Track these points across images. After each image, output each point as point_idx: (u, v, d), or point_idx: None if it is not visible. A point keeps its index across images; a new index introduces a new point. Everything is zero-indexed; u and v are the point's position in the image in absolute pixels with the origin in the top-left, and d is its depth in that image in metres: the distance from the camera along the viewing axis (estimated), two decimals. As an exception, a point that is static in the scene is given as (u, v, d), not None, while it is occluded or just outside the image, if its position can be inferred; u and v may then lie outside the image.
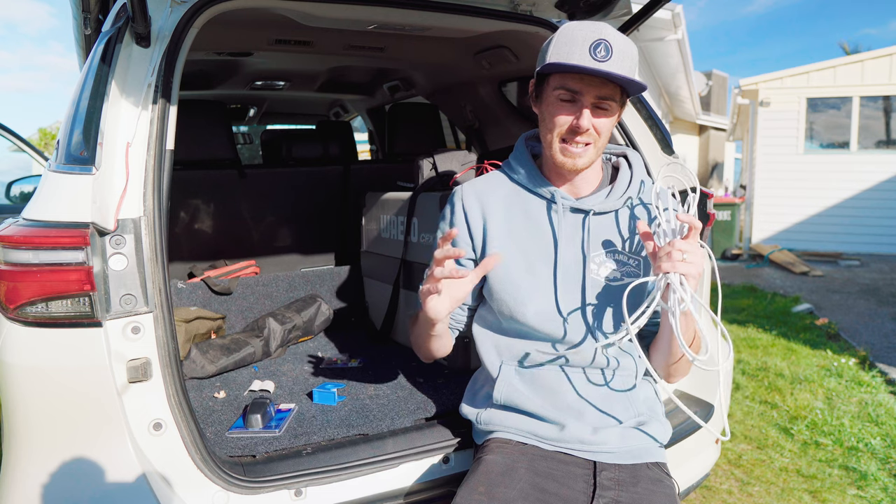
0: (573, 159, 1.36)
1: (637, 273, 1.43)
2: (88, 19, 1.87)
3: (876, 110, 10.16)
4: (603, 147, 1.39)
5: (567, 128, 1.33)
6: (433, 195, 2.34)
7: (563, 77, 1.31)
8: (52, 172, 1.43)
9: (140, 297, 1.37)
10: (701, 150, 20.41)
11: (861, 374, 4.07)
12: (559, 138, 1.35)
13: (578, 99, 1.31)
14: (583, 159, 1.36)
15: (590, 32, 1.27)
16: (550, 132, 1.36)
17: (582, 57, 1.26)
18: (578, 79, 1.30)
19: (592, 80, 1.29)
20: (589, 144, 1.35)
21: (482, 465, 1.37)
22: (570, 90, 1.31)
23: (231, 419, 1.83)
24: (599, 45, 1.25)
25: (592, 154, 1.37)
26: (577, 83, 1.30)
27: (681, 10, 8.97)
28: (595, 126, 1.33)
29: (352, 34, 2.55)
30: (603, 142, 1.37)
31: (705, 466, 2.01)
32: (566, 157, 1.36)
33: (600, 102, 1.32)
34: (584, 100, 1.31)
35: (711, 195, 1.99)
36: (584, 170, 1.40)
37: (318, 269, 3.05)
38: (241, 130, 5.47)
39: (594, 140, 1.35)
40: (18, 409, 1.35)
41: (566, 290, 1.41)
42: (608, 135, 1.38)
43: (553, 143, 1.37)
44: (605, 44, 1.25)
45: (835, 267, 8.89)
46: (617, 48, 1.26)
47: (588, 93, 1.30)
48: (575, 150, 1.35)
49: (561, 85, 1.32)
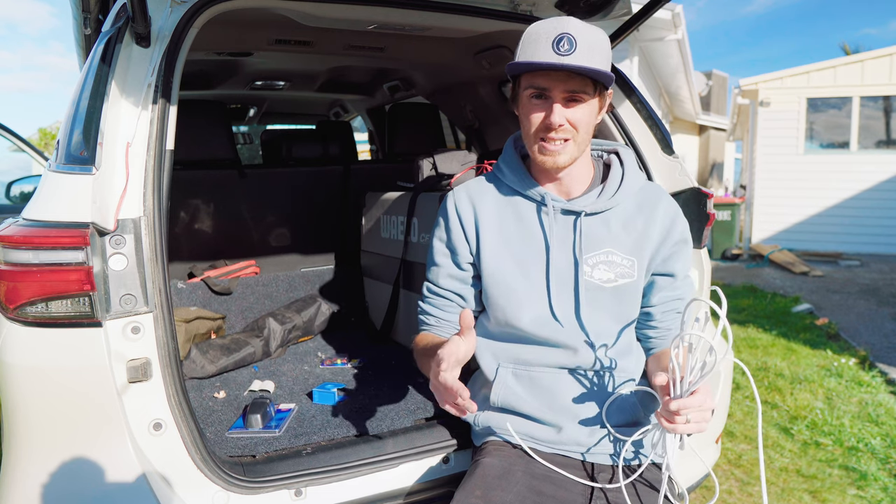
0: (553, 157, 1.33)
1: (631, 274, 1.40)
2: (88, 19, 1.87)
3: (876, 110, 10.16)
4: (585, 141, 1.36)
5: (540, 125, 1.32)
6: (433, 195, 2.34)
7: (532, 76, 1.31)
8: (52, 172, 1.43)
9: (140, 297, 1.37)
10: (701, 150, 20.41)
11: (861, 374, 4.07)
12: (536, 138, 1.34)
13: (548, 95, 1.30)
14: (563, 156, 1.34)
15: (552, 28, 1.26)
16: (528, 133, 1.35)
17: (545, 53, 1.25)
18: (544, 75, 1.29)
19: (558, 75, 1.28)
20: (568, 140, 1.32)
21: (479, 469, 1.36)
22: (538, 88, 1.30)
23: (231, 419, 1.83)
24: (562, 39, 1.24)
25: (573, 149, 1.34)
26: (544, 80, 1.29)
27: (681, 10, 8.97)
28: (570, 120, 1.30)
29: (352, 34, 2.55)
30: (583, 136, 1.34)
31: (705, 466, 2.01)
32: (546, 156, 1.34)
33: (571, 95, 1.30)
34: (554, 95, 1.29)
35: (711, 195, 2.00)
36: (567, 167, 1.37)
37: (318, 269, 3.05)
38: (241, 130, 5.47)
39: (572, 135, 1.32)
40: (18, 410, 1.35)
41: (560, 294, 1.39)
42: (589, 128, 1.35)
43: (532, 142, 1.35)
44: (567, 37, 1.24)
45: (835, 267, 8.89)
46: (582, 40, 1.24)
47: (555, 88, 1.29)
48: (553, 147, 1.32)
49: (529, 84, 1.31)
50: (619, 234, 1.41)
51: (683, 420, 1.16)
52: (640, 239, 1.41)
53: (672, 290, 1.45)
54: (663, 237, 1.42)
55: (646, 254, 1.41)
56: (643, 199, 1.45)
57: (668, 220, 1.43)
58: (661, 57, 11.24)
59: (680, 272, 1.45)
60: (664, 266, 1.44)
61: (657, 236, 1.42)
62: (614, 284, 1.39)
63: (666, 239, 1.42)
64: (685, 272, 1.47)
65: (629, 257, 1.41)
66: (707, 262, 2.05)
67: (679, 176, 2.01)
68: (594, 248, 1.40)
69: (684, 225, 1.46)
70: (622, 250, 1.41)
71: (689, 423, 1.17)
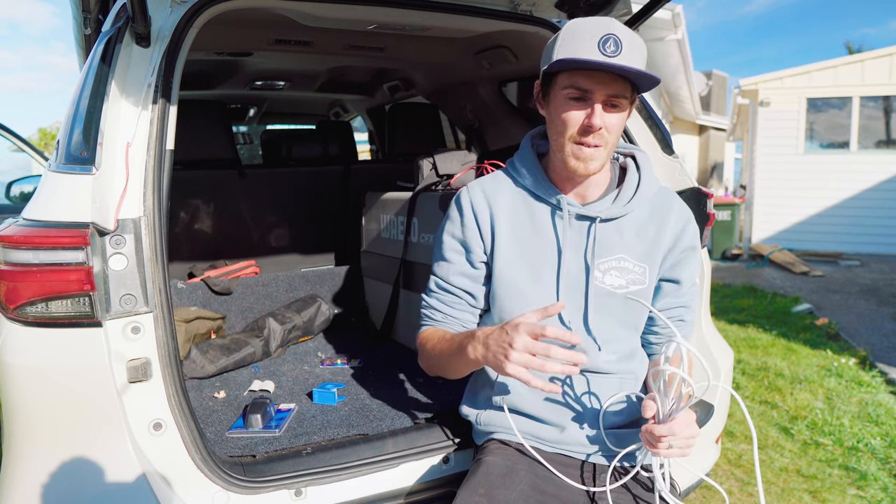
0: (585, 163, 1.29)
1: (642, 281, 1.39)
2: (88, 19, 1.87)
3: (876, 110, 10.15)
4: (614, 147, 1.33)
5: (579, 128, 1.27)
6: (433, 195, 2.33)
7: (572, 75, 1.25)
8: (52, 172, 1.43)
9: (140, 297, 1.37)
10: (701, 150, 20.41)
11: (861, 374, 4.07)
12: (571, 141, 1.28)
13: (589, 97, 1.25)
14: (595, 162, 1.29)
15: (597, 27, 1.22)
16: (561, 135, 1.30)
17: (591, 52, 1.20)
18: (588, 76, 1.24)
19: (603, 76, 1.23)
20: (600, 147, 1.28)
21: (482, 467, 1.36)
22: (580, 88, 1.24)
23: (231, 419, 1.83)
24: (608, 39, 1.20)
25: (604, 156, 1.30)
26: (587, 80, 1.24)
27: (681, 10, 8.97)
28: (606, 124, 1.26)
29: (352, 34, 2.55)
30: (613, 142, 1.31)
31: (705, 466, 2.01)
32: (578, 162, 1.29)
33: (611, 100, 1.25)
34: (596, 97, 1.24)
35: (711, 195, 2.00)
36: (595, 174, 1.33)
37: (318, 269, 3.05)
38: (241, 130, 5.47)
39: (604, 142, 1.28)
40: (18, 410, 1.35)
41: (570, 299, 1.38)
42: (619, 134, 1.32)
43: (565, 146, 1.30)
44: (613, 38, 1.20)
45: (835, 267, 8.89)
46: (626, 42, 1.21)
47: (599, 90, 1.24)
48: (586, 152, 1.28)
49: (570, 83, 1.25)
50: (631, 240, 1.40)
51: (666, 446, 1.20)
52: (652, 246, 1.40)
53: (676, 298, 1.45)
54: (673, 243, 1.41)
55: (657, 260, 1.40)
56: (656, 204, 1.43)
57: (679, 227, 1.42)
58: (661, 57, 11.24)
59: (686, 279, 1.44)
60: (671, 272, 1.43)
61: (667, 243, 1.41)
62: (625, 291, 1.38)
63: (675, 245, 1.41)
64: (692, 280, 1.46)
65: (641, 264, 1.39)
66: (707, 262, 2.05)
67: (679, 176, 2.01)
68: (606, 255, 1.38)
69: (695, 231, 1.44)
70: (634, 257, 1.39)
71: (671, 448, 1.20)
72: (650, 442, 1.22)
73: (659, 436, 1.19)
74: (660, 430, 1.18)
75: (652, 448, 1.22)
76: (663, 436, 1.19)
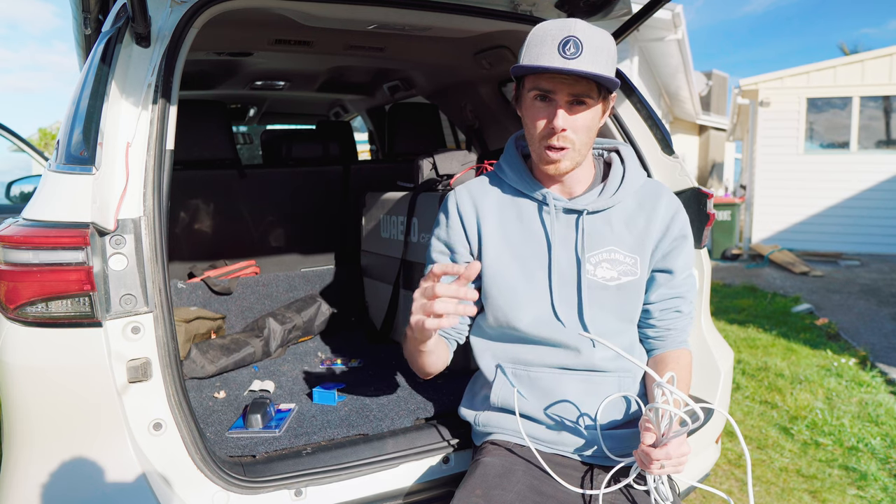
0: (555, 164, 1.33)
1: (634, 272, 1.40)
2: (88, 19, 1.87)
3: (876, 110, 10.15)
4: (587, 145, 1.35)
5: (543, 129, 1.31)
6: (433, 195, 2.33)
7: (536, 78, 1.29)
8: (52, 172, 1.43)
9: (140, 297, 1.37)
10: (701, 150, 20.41)
11: (861, 374, 4.07)
12: (539, 141, 1.32)
13: (552, 98, 1.29)
14: (565, 162, 1.33)
15: (559, 30, 1.25)
16: (531, 135, 1.34)
17: (551, 56, 1.24)
18: (549, 78, 1.27)
19: (563, 78, 1.26)
20: (566, 149, 1.31)
21: (479, 468, 1.36)
22: (543, 90, 1.29)
23: (231, 419, 1.83)
24: (568, 41, 1.23)
25: (574, 156, 1.33)
26: (549, 83, 1.27)
27: (681, 10, 8.97)
28: (573, 125, 1.29)
29: (352, 34, 2.55)
30: (585, 141, 1.33)
31: (705, 466, 2.01)
32: (548, 163, 1.34)
33: (575, 99, 1.28)
34: (558, 99, 1.28)
35: (711, 195, 2.00)
36: (569, 172, 1.37)
37: (318, 269, 3.05)
38: (241, 130, 5.47)
39: (570, 143, 1.31)
40: (18, 410, 1.35)
41: (562, 294, 1.39)
42: (591, 132, 1.34)
43: (535, 145, 1.34)
44: (573, 40, 1.23)
45: (835, 267, 8.89)
46: (588, 43, 1.23)
47: (560, 91, 1.27)
48: (554, 155, 1.32)
49: (534, 86, 1.30)
50: (621, 231, 1.41)
51: (658, 466, 1.21)
52: (642, 236, 1.41)
53: (671, 288, 1.45)
54: (663, 233, 1.42)
55: (648, 251, 1.41)
56: (644, 195, 1.44)
57: (669, 216, 1.43)
58: (661, 57, 11.25)
59: (679, 269, 1.45)
60: (664, 262, 1.43)
61: (658, 232, 1.41)
62: (618, 283, 1.39)
63: (666, 234, 1.42)
64: (686, 269, 1.46)
65: (632, 255, 1.40)
66: (707, 262, 2.05)
67: (679, 176, 2.01)
68: (597, 247, 1.40)
69: (685, 220, 1.45)
70: (625, 248, 1.40)
71: (664, 467, 1.21)
72: (644, 462, 1.23)
73: (651, 460, 1.20)
74: (656, 454, 1.19)
75: (646, 468, 1.23)
76: (656, 459, 1.20)
